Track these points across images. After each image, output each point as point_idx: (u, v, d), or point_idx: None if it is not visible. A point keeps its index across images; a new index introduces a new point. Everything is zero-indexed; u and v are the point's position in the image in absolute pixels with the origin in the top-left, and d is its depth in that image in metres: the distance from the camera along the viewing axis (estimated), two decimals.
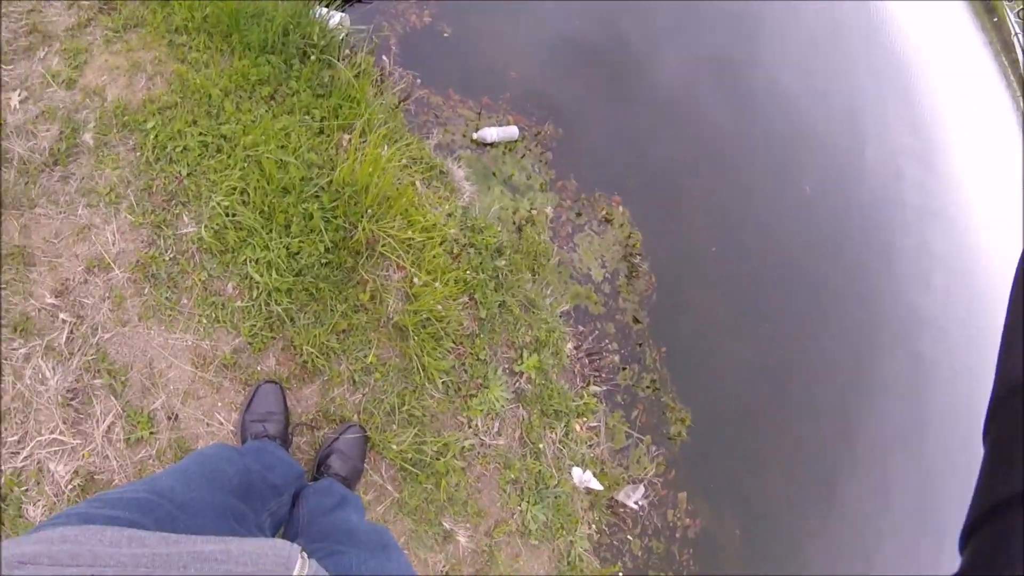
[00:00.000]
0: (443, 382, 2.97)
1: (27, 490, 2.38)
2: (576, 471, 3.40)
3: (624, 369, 4.32)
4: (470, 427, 3.05)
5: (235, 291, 2.80)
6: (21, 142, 2.98)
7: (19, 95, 3.14)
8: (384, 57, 4.29)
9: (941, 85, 11.69)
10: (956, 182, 9.92)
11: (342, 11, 4.23)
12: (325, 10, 3.79)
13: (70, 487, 2.41)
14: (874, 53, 10.18)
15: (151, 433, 2.52)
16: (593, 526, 3.57)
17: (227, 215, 2.88)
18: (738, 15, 7.71)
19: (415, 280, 2.98)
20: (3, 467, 2.38)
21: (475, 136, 4.83)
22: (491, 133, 4.82)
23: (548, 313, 3.59)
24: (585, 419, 3.54)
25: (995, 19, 20.10)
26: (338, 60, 3.57)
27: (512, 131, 4.94)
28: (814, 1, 9.30)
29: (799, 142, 7.07)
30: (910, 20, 11.75)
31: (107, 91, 3.20)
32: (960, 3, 18.55)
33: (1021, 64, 18.95)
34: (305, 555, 1.04)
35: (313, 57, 3.52)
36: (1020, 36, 20.19)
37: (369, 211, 2.95)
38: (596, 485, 3.42)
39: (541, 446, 3.25)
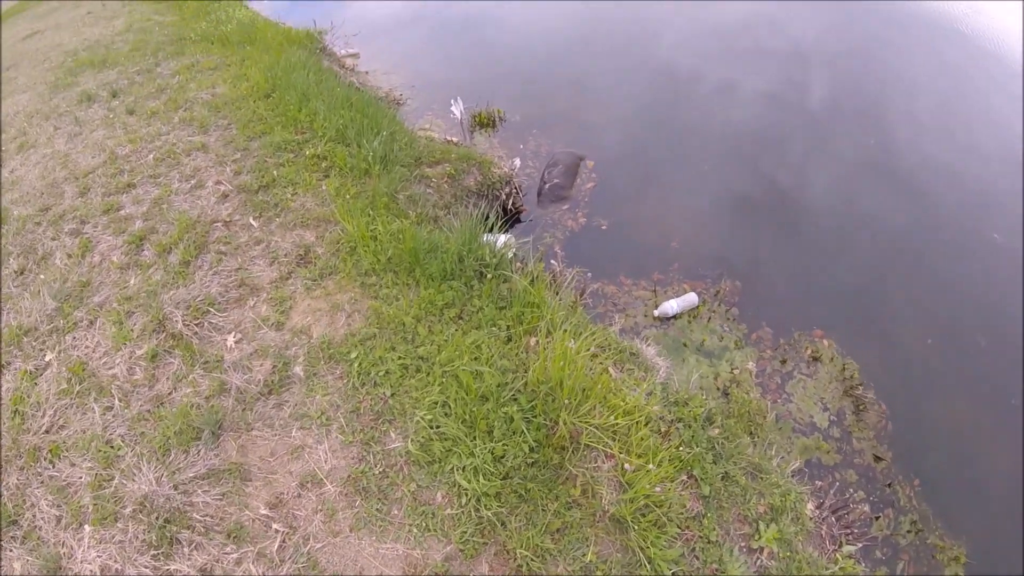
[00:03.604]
0: (673, 573, 2.71)
1: None
2: None
3: (877, 518, 3.79)
4: None
5: (444, 499, 2.84)
6: (238, 375, 3.42)
7: (234, 337, 3.67)
8: (553, 261, 4.57)
9: None
10: None
11: (505, 232, 4.60)
12: (490, 235, 4.13)
13: None
14: (996, 75, 9.01)
15: None
16: None
17: (431, 427, 3.05)
18: (860, 112, 7.57)
19: (626, 466, 2.89)
20: None
21: (656, 313, 4.90)
22: (671, 306, 4.87)
23: (778, 475, 3.28)
24: None
25: None
26: (512, 273, 3.87)
27: (691, 298, 4.97)
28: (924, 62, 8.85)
29: (971, 200, 6.39)
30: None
31: (312, 330, 3.66)
32: None
33: None
34: None
35: (489, 275, 3.85)
36: None
37: (567, 404, 2.97)
38: None
39: None
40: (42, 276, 4.24)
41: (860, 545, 3.33)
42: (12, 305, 4.06)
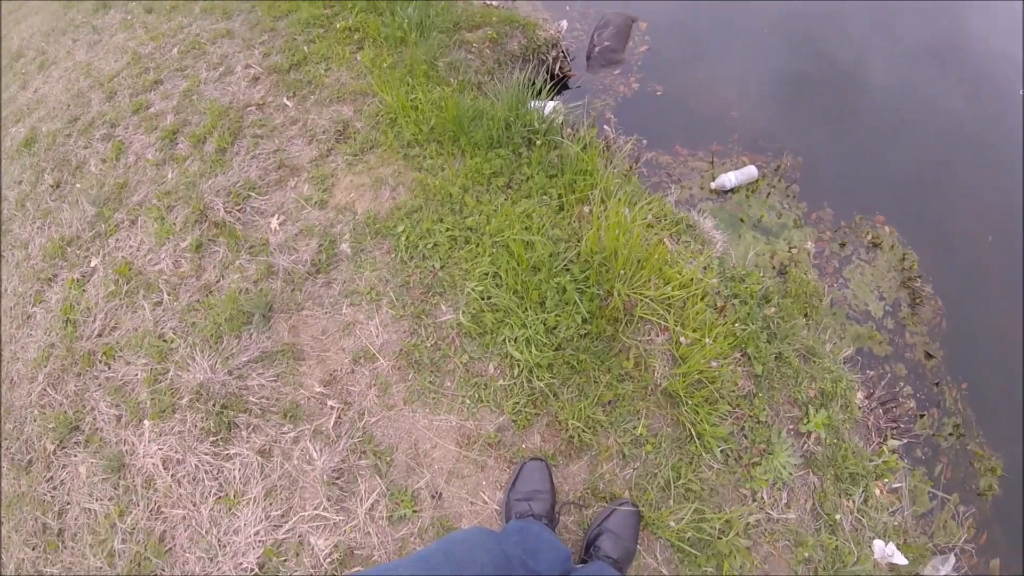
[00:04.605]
0: (722, 450, 2.64)
1: (286, 560, 2.50)
2: (878, 544, 2.80)
3: (922, 416, 3.65)
4: (754, 500, 2.62)
5: (496, 371, 2.81)
6: (285, 257, 3.38)
7: (278, 219, 3.60)
8: (605, 127, 4.31)
9: None
10: None
11: (553, 99, 4.33)
12: (538, 102, 3.89)
13: (328, 560, 2.47)
14: None
15: (414, 511, 2.53)
16: None
17: (482, 299, 2.97)
18: None
19: (681, 340, 2.76)
20: (265, 538, 2.54)
21: (713, 186, 4.61)
22: (729, 179, 4.57)
23: (830, 360, 3.12)
24: (885, 480, 2.98)
25: None
26: (563, 139, 3.64)
27: (750, 171, 4.65)
28: None
29: None
30: None
31: (356, 205, 3.56)
32: None
33: None
34: None
35: (538, 142, 3.62)
36: None
37: (622, 274, 2.83)
38: (900, 559, 2.77)
39: (837, 517, 2.70)
40: (78, 185, 4.22)
41: (904, 441, 3.21)
42: (52, 219, 4.08)
